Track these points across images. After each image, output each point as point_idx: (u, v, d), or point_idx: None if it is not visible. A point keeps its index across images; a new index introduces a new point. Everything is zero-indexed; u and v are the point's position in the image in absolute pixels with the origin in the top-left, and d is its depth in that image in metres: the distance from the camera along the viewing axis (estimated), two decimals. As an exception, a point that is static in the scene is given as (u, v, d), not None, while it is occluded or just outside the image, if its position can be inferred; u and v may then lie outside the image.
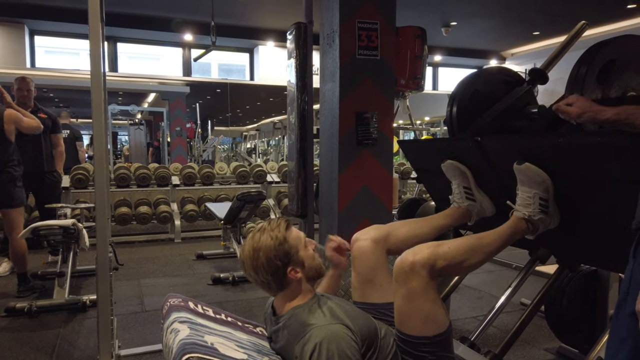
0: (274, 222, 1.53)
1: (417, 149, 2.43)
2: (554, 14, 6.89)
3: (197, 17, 7.20)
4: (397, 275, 1.45)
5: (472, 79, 2.19)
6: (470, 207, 1.95)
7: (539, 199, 1.61)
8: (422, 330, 1.42)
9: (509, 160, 1.68)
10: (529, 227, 1.64)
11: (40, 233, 3.27)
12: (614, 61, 1.63)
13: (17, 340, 2.85)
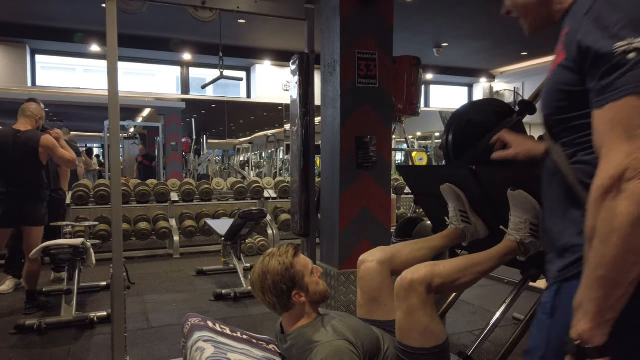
0: (283, 249, 1.67)
1: (416, 174, 2.58)
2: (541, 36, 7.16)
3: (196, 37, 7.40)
4: (397, 292, 1.59)
5: (466, 109, 2.34)
6: (465, 229, 2.10)
7: (530, 224, 1.75)
8: (421, 342, 1.55)
9: (502, 188, 1.82)
10: (520, 249, 1.77)
11: (51, 252, 3.38)
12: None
13: (30, 357, 2.95)
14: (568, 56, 0.93)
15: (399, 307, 1.59)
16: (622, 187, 0.78)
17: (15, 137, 3.71)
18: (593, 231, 0.81)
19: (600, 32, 0.84)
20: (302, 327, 1.62)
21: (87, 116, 11.73)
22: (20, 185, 3.71)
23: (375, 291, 1.83)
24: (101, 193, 6.08)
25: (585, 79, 0.88)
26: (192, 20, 2.97)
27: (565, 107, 0.96)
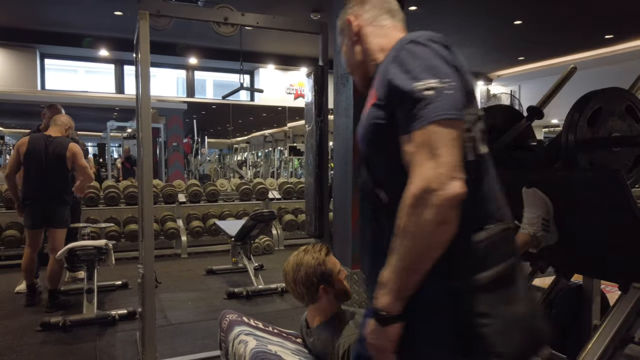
0: (317, 247, 1.85)
1: None
2: (538, 42, 7.38)
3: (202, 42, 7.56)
4: None
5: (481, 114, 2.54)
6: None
7: (542, 219, 1.94)
8: None
9: (516, 187, 2.00)
10: (533, 242, 1.97)
11: (76, 253, 3.54)
12: (601, 108, 1.96)
13: (60, 353, 3.11)
14: (379, 96, 1.12)
15: None
16: (427, 197, 0.95)
17: (47, 142, 3.97)
18: (402, 230, 0.99)
19: (404, 74, 1.04)
20: (326, 321, 1.80)
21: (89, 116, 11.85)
22: (48, 188, 3.93)
23: None
24: (111, 195, 6.24)
25: (395, 112, 1.08)
26: (198, 27, 3.14)
27: (378, 139, 1.14)
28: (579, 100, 2.00)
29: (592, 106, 1.94)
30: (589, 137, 1.94)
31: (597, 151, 1.96)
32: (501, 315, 1.03)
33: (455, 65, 1.07)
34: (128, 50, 7.49)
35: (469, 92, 1.10)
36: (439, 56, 1.06)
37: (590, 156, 1.95)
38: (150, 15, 2.66)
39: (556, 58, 8.47)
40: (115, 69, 8.28)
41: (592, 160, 1.94)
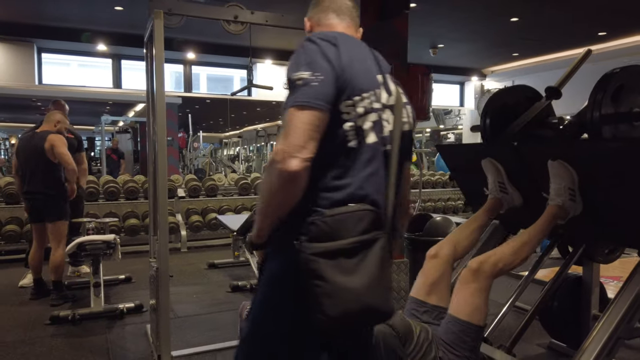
0: None
1: (455, 151, 2.87)
2: (532, 39, 7.49)
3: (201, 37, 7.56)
4: (464, 276, 1.95)
5: (501, 95, 2.63)
6: (503, 198, 2.39)
7: (569, 189, 2.03)
8: (471, 317, 1.87)
9: (542, 160, 2.09)
10: (560, 213, 2.06)
11: (85, 247, 3.58)
12: (623, 85, 2.04)
13: (71, 345, 3.16)
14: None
15: (461, 288, 1.92)
16: (273, 166, 1.16)
17: (31, 137, 4.01)
18: (264, 183, 1.25)
19: (293, 65, 1.25)
20: None
21: (83, 110, 11.79)
22: (36, 182, 3.96)
23: (438, 281, 2.13)
24: (111, 189, 6.26)
25: None
26: (197, 22, 3.19)
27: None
28: (602, 77, 2.07)
29: (615, 83, 2.02)
30: (613, 112, 2.02)
31: (620, 125, 2.05)
32: (335, 281, 1.17)
33: (333, 62, 1.23)
34: (126, 45, 7.48)
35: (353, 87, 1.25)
36: (321, 53, 1.23)
37: (614, 130, 2.04)
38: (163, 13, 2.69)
39: (550, 54, 8.59)
40: (113, 64, 8.26)
41: (615, 134, 2.04)
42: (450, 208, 8.27)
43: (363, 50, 1.36)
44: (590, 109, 2.03)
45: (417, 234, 3.58)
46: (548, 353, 3.04)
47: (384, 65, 1.40)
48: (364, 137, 1.27)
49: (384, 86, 1.35)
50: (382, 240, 1.23)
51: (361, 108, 1.26)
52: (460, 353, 1.87)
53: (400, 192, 1.41)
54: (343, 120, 1.25)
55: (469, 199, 2.84)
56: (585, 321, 2.85)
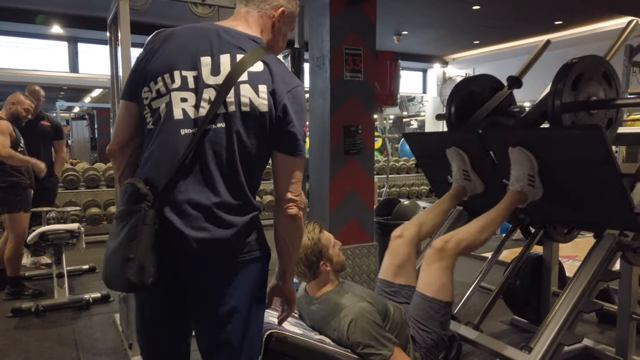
0: (310, 226, 1.95)
1: (421, 140, 2.93)
2: (492, 27, 7.66)
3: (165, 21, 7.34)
4: (430, 255, 2.01)
5: (467, 83, 2.70)
6: (466, 185, 2.47)
7: (528, 175, 2.11)
8: (437, 294, 1.96)
9: (504, 147, 2.16)
10: (521, 198, 2.15)
11: (48, 237, 3.46)
12: (582, 74, 2.13)
13: (36, 337, 3.07)
14: None
15: (428, 266, 1.99)
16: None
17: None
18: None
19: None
20: (328, 292, 1.91)
21: (35, 96, 11.27)
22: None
23: (403, 261, 2.21)
24: (70, 178, 6.06)
25: None
26: (161, 5, 3.10)
27: None
28: (563, 67, 2.15)
29: (574, 72, 2.11)
30: (572, 100, 2.11)
31: (579, 114, 2.14)
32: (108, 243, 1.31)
33: (137, 59, 1.40)
34: (83, 28, 7.17)
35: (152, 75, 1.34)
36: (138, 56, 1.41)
37: (573, 118, 2.13)
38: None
39: (509, 42, 8.82)
40: (69, 47, 7.91)
41: (574, 121, 2.13)
42: (414, 193, 8.45)
43: (192, 39, 1.36)
44: (551, 98, 2.11)
45: (386, 218, 3.65)
46: (511, 329, 3.19)
47: (224, 46, 1.33)
48: (160, 118, 1.32)
49: (211, 66, 1.31)
50: (141, 213, 1.26)
51: (154, 92, 1.33)
52: (430, 329, 1.94)
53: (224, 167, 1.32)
54: (143, 105, 1.36)
55: (434, 186, 2.92)
56: (545, 298, 3.00)
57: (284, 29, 1.48)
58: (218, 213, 1.29)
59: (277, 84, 1.33)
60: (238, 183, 1.32)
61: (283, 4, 1.45)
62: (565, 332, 1.88)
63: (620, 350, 2.64)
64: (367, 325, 1.77)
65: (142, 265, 1.25)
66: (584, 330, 3.11)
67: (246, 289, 1.35)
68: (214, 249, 1.30)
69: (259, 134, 1.32)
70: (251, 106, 1.30)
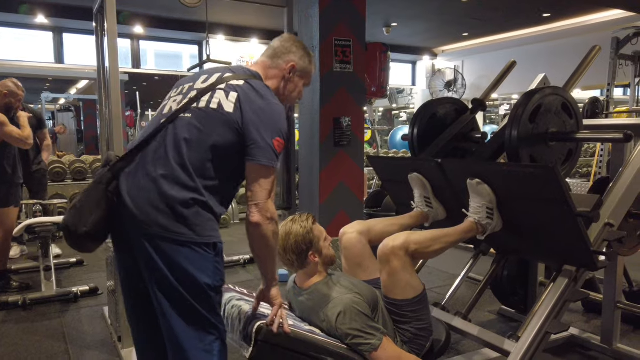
0: (304, 216, 1.94)
1: (385, 164, 2.86)
2: (481, 19, 7.69)
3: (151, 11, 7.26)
4: (380, 257, 1.93)
5: (431, 105, 2.67)
6: (429, 212, 2.41)
7: (486, 208, 2.08)
8: (404, 295, 1.91)
9: (463, 178, 2.13)
10: (479, 229, 2.11)
11: (34, 230, 3.42)
12: (540, 106, 2.10)
13: (24, 331, 3.05)
14: None
15: (383, 269, 1.92)
16: None
17: None
18: None
19: None
20: (317, 283, 1.91)
21: (23, 87, 11.08)
22: None
23: (358, 257, 2.16)
24: (57, 170, 5.99)
25: None
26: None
27: None
28: (521, 97, 2.14)
29: (533, 104, 2.07)
30: (530, 132, 2.08)
31: (536, 146, 2.10)
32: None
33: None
34: (68, 18, 7.07)
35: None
36: None
37: (531, 151, 2.10)
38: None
39: (498, 35, 8.86)
40: (54, 38, 7.79)
41: (532, 154, 2.10)
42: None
43: (204, 72, 1.68)
44: (509, 128, 2.07)
45: (376, 210, 3.66)
46: (499, 318, 3.23)
47: (221, 69, 1.66)
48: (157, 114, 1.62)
49: (203, 79, 1.62)
50: (101, 173, 1.51)
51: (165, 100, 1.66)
52: (406, 326, 1.94)
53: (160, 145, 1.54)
54: None
55: (399, 209, 2.85)
56: (532, 288, 3.04)
57: (297, 82, 1.72)
58: (160, 184, 1.44)
59: (249, 95, 1.54)
60: (185, 164, 1.47)
61: (295, 60, 1.68)
62: (552, 321, 1.89)
63: (606, 338, 2.69)
64: (355, 316, 1.78)
65: (81, 213, 1.43)
66: (571, 320, 3.16)
67: (173, 267, 1.44)
68: (147, 216, 1.43)
69: (222, 131, 1.50)
70: (219, 105, 1.52)
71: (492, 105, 10.92)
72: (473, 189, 2.09)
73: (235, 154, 1.51)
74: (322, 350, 1.68)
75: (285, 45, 1.70)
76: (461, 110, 2.68)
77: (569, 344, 2.82)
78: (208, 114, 1.51)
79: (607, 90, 4.91)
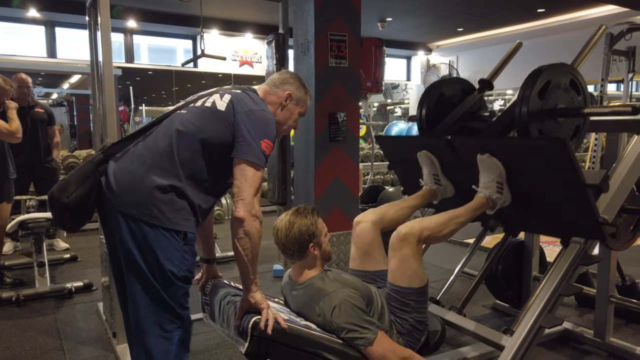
0: (309, 208, 1.94)
1: (394, 143, 2.91)
2: (476, 14, 7.69)
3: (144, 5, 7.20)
4: (393, 244, 1.96)
5: (438, 86, 2.69)
6: (437, 189, 2.47)
7: (496, 182, 2.12)
8: (410, 283, 1.93)
9: (473, 153, 2.16)
10: (489, 204, 2.15)
11: (27, 225, 3.40)
12: (549, 82, 2.13)
13: (18, 327, 3.03)
14: None
15: (393, 255, 1.95)
16: None
17: None
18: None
19: None
20: (312, 277, 1.91)
21: (12, 82, 10.98)
22: None
23: (368, 246, 2.18)
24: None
25: None
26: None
27: None
28: (530, 74, 2.16)
29: (542, 80, 2.10)
30: (539, 108, 2.11)
31: (546, 121, 2.15)
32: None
33: None
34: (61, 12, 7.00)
35: None
36: None
37: (540, 126, 2.14)
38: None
39: (492, 30, 8.86)
40: (47, 31, 7.71)
41: (541, 130, 2.14)
42: (398, 180, 8.49)
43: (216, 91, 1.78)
44: (518, 105, 2.09)
45: (371, 205, 3.67)
46: (493, 313, 3.25)
47: (229, 90, 1.77)
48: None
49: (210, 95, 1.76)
50: (94, 156, 1.67)
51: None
52: (407, 316, 1.95)
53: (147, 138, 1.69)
54: None
55: (406, 188, 2.89)
56: (526, 282, 3.06)
57: (292, 109, 1.86)
58: (144, 168, 1.55)
59: (242, 99, 1.68)
60: (172, 153, 1.58)
61: (292, 89, 1.84)
62: (546, 315, 1.91)
63: (599, 332, 2.71)
64: (351, 310, 1.78)
65: (66, 185, 1.54)
66: (564, 314, 3.19)
67: (142, 249, 1.53)
68: (125, 196, 1.54)
69: (214, 127, 1.62)
70: (212, 105, 1.68)
71: (488, 101, 10.93)
72: (483, 163, 2.12)
73: (224, 150, 1.60)
74: (318, 345, 1.69)
75: (283, 77, 1.87)
76: (468, 90, 2.68)
77: (563, 338, 2.84)
78: (203, 111, 1.66)
79: (600, 86, 4.92)
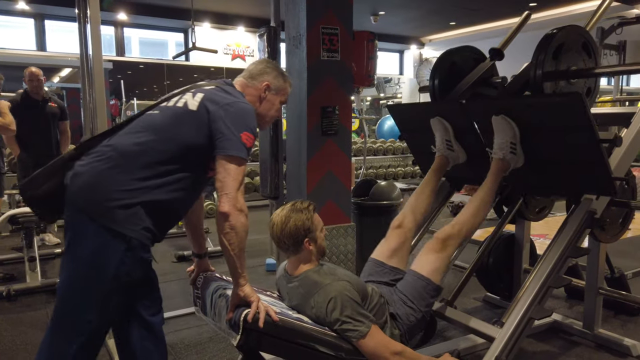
0: (305, 203, 1.95)
1: (406, 111, 2.92)
2: (468, 8, 7.70)
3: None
4: (432, 246, 2.10)
5: (450, 54, 2.69)
6: (449, 155, 2.49)
7: (510, 143, 2.14)
8: (433, 276, 2.03)
9: (488, 116, 2.18)
10: (504, 166, 2.18)
11: (18, 220, 3.38)
12: (563, 44, 2.17)
13: (9, 322, 3.02)
14: None
15: (428, 252, 2.09)
16: None
17: None
18: None
19: None
20: (308, 271, 1.92)
21: (2, 75, 10.86)
22: None
23: (399, 245, 2.26)
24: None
25: None
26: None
27: None
28: (545, 36, 2.17)
29: (556, 42, 2.13)
30: (553, 69, 2.14)
31: (559, 82, 2.18)
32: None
33: None
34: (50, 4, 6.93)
35: None
36: None
37: (554, 87, 2.17)
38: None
39: (485, 24, 8.88)
40: (36, 24, 7.62)
41: (555, 91, 2.17)
42: (391, 174, 8.52)
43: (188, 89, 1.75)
44: (533, 67, 2.13)
45: (363, 199, 3.68)
46: (484, 305, 3.28)
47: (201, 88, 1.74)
48: None
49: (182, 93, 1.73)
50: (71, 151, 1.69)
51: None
52: (416, 307, 1.99)
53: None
54: None
55: (417, 157, 2.92)
56: (517, 275, 3.09)
57: (273, 99, 1.84)
58: (107, 167, 1.54)
59: (216, 94, 1.66)
60: (137, 153, 1.57)
61: (269, 79, 1.82)
62: (535, 307, 1.93)
63: (588, 323, 2.75)
64: (346, 302, 1.79)
65: (35, 178, 1.59)
66: (554, 305, 3.22)
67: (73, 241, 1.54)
68: (80, 191, 1.54)
69: (184, 128, 1.61)
70: (184, 104, 1.66)
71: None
72: (498, 125, 2.15)
73: (195, 149, 1.61)
74: (309, 338, 1.69)
75: (260, 67, 1.84)
76: (479, 59, 2.69)
77: (552, 329, 2.88)
78: (174, 111, 1.65)
79: (591, 80, 4.95)
